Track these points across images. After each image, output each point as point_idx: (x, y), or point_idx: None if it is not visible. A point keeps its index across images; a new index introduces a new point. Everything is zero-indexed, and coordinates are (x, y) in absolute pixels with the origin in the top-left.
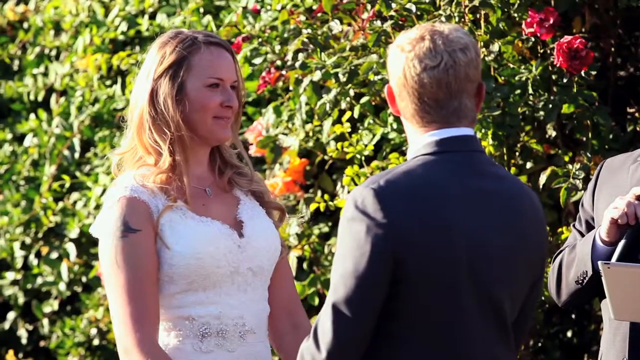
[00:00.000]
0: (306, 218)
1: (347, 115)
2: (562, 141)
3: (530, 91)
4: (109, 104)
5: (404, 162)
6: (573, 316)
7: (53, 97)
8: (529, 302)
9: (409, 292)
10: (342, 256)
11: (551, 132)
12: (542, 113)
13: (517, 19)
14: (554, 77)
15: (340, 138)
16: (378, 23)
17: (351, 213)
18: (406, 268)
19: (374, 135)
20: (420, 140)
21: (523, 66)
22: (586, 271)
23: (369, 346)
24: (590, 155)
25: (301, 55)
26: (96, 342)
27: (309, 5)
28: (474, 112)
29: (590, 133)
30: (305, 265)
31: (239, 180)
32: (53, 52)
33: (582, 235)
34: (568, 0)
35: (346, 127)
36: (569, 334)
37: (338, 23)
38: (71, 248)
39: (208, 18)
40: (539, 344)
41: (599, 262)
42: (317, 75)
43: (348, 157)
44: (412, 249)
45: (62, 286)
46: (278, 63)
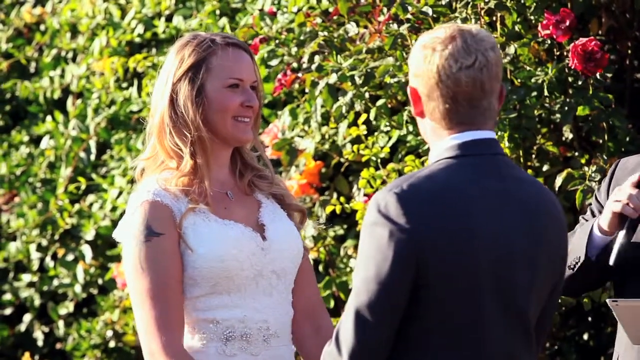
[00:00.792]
0: (322, 220)
1: (363, 117)
2: (579, 143)
3: (546, 93)
4: (125, 106)
5: (427, 166)
6: (590, 319)
7: (69, 99)
8: (550, 304)
9: (431, 296)
10: (365, 260)
11: (567, 135)
12: (558, 115)
13: (533, 21)
14: (570, 80)
15: (356, 140)
16: (394, 26)
17: (374, 217)
18: (429, 272)
19: (390, 137)
20: (442, 143)
21: (539, 68)
22: (579, 257)
23: (391, 350)
24: (606, 157)
25: (317, 57)
26: (112, 344)
27: (325, 7)
28: (496, 114)
29: (606, 135)
30: (320, 267)
31: (260, 183)
32: (69, 55)
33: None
34: (584, 2)
35: (362, 130)
36: (586, 337)
37: (354, 25)
38: (87, 250)
39: (224, 20)
40: (556, 347)
41: (607, 300)
42: (333, 77)
43: (364, 160)
44: (435, 254)
45: (78, 288)
46: (294, 65)
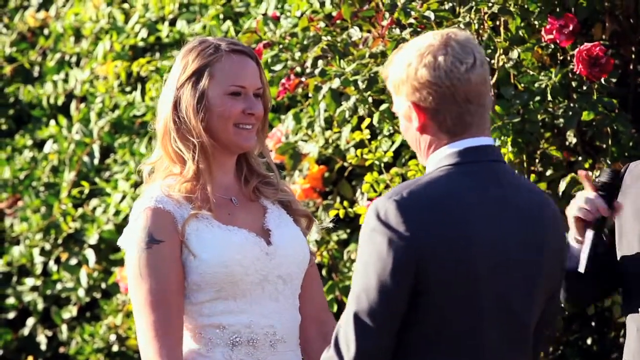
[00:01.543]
0: (326, 225)
1: (367, 122)
2: (582, 148)
3: (549, 98)
4: (129, 111)
5: (426, 174)
6: (593, 323)
7: (73, 104)
8: (549, 310)
9: (431, 303)
10: (364, 268)
11: (571, 139)
12: (562, 120)
13: (537, 26)
14: (574, 84)
15: (359, 145)
16: (397, 31)
17: (373, 224)
18: (428, 279)
19: (393, 142)
20: (441, 151)
21: (543, 73)
22: None
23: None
24: (610, 162)
25: (321, 62)
26: (115, 349)
27: (329, 12)
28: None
29: (610, 140)
30: (324, 272)
31: (265, 189)
32: (73, 59)
33: None
34: (588, 7)
35: (365, 134)
36: (589, 341)
37: (357, 30)
38: (90, 254)
39: (228, 24)
40: (559, 351)
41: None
42: (336, 82)
43: (367, 164)
44: (434, 261)
45: (82, 292)
46: (298, 70)
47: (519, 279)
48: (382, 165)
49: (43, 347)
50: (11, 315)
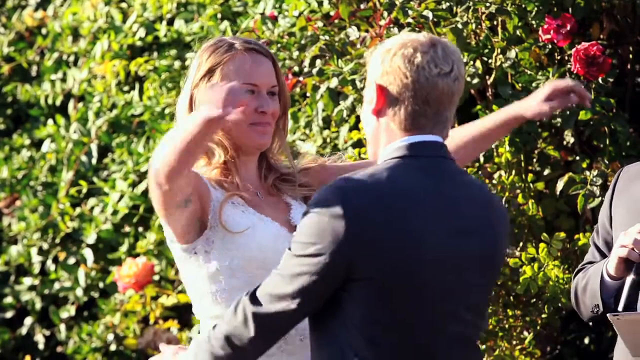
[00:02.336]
0: None
1: None
2: (580, 148)
3: None
4: (127, 110)
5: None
6: (590, 323)
7: (71, 103)
8: (484, 308)
9: (363, 292)
10: (301, 243)
11: (569, 139)
12: (560, 120)
13: (534, 26)
14: None
15: (357, 144)
16: (395, 30)
17: (315, 207)
18: (362, 266)
19: None
20: (392, 145)
21: (540, 73)
22: (597, 304)
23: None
24: (607, 162)
25: (318, 61)
26: (113, 348)
27: (327, 11)
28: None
29: (607, 140)
30: None
31: (282, 186)
32: (71, 58)
33: (600, 251)
34: (586, 6)
35: (363, 134)
36: (586, 341)
37: (355, 30)
38: (88, 253)
39: (226, 24)
40: (556, 351)
41: (608, 315)
42: (334, 81)
43: None
44: (374, 251)
45: (79, 292)
46: (295, 69)
47: (468, 275)
48: None
49: (41, 347)
50: (9, 314)
